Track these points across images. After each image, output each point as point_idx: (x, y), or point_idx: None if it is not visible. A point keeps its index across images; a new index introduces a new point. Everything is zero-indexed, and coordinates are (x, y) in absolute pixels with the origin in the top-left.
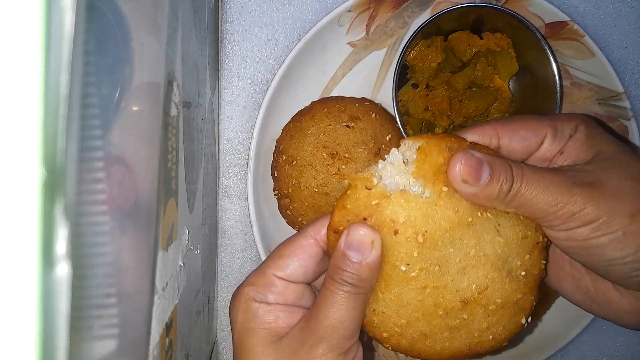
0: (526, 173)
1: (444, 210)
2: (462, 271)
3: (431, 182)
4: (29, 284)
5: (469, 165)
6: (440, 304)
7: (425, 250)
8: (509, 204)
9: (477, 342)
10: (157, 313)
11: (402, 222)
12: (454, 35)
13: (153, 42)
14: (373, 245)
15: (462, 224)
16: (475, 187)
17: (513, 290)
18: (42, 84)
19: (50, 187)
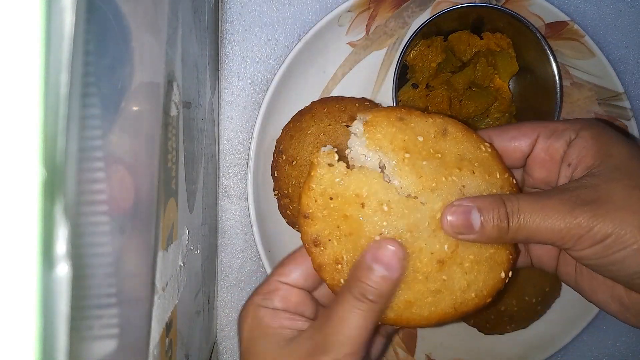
0: (522, 205)
1: (408, 176)
2: (433, 234)
3: (391, 151)
4: (29, 284)
5: (456, 215)
6: (418, 268)
7: (393, 218)
8: (515, 238)
9: (461, 302)
10: (157, 313)
11: (366, 195)
12: (454, 35)
13: (153, 42)
14: (401, 263)
15: (427, 189)
16: (472, 235)
17: (484, 246)
18: (42, 84)
19: (50, 187)
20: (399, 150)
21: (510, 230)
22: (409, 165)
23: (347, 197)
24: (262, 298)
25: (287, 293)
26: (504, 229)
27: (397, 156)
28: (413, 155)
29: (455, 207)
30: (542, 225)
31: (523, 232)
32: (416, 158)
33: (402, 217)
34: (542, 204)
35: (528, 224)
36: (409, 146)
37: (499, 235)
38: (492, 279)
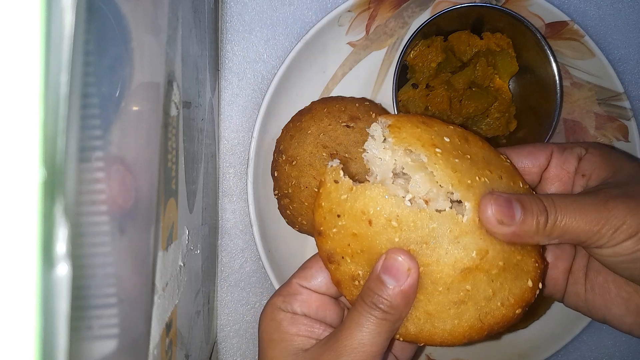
0: (557, 201)
1: (444, 170)
2: (455, 240)
3: (421, 147)
4: (29, 284)
5: (499, 204)
6: (437, 280)
7: (405, 233)
8: (551, 235)
9: (486, 312)
10: (157, 313)
11: (372, 212)
12: (454, 35)
13: (153, 42)
14: (410, 273)
15: (463, 185)
16: (513, 226)
17: (512, 251)
18: (42, 84)
19: (50, 187)
20: (429, 146)
21: (547, 226)
22: (443, 160)
23: (353, 214)
24: (282, 300)
25: (308, 298)
26: (542, 224)
27: (429, 151)
28: (444, 152)
29: (497, 196)
30: (578, 219)
31: (560, 227)
32: (448, 155)
33: (414, 230)
34: (576, 200)
35: (565, 220)
36: (437, 144)
37: (537, 229)
38: (518, 288)
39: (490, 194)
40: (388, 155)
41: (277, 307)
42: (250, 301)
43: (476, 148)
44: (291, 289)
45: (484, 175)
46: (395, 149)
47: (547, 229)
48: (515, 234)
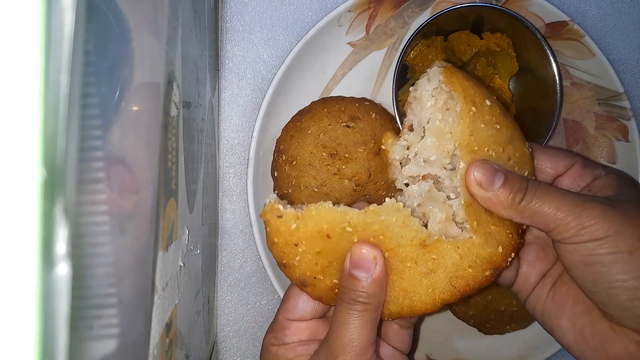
0: (542, 186)
1: (463, 129)
2: (404, 224)
3: (462, 97)
4: (29, 284)
5: (484, 169)
6: (404, 258)
7: (360, 232)
8: (522, 214)
9: (456, 276)
10: (157, 313)
11: (327, 227)
12: (454, 35)
13: (153, 42)
14: (376, 260)
15: (469, 148)
16: (489, 192)
17: (487, 222)
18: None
19: (50, 187)
20: (469, 101)
21: (522, 203)
22: (470, 119)
23: (310, 236)
24: (274, 337)
25: (297, 328)
26: (518, 200)
27: (466, 105)
28: (477, 113)
29: (485, 163)
30: (552, 206)
31: (532, 208)
32: (478, 117)
33: (369, 226)
34: (559, 191)
35: (539, 203)
36: (477, 103)
37: (510, 203)
38: (487, 252)
39: (483, 160)
40: (430, 103)
41: (272, 344)
42: (250, 301)
43: (509, 124)
44: (279, 325)
45: (495, 150)
46: (442, 89)
47: (521, 206)
48: (490, 200)
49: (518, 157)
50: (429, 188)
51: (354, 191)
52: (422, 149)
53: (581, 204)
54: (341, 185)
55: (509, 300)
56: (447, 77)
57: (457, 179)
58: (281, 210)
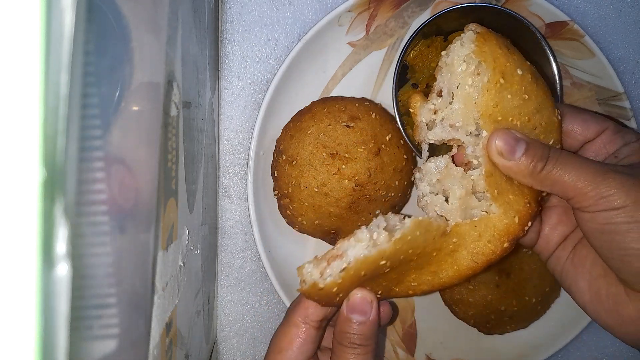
0: (563, 155)
1: (487, 100)
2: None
3: (491, 69)
4: (29, 284)
5: (505, 139)
6: (429, 252)
7: (392, 259)
8: (543, 183)
9: (476, 252)
10: (157, 313)
11: (364, 272)
12: (454, 35)
13: (153, 42)
14: (372, 304)
15: (492, 117)
16: (511, 161)
17: (506, 191)
18: (42, 84)
19: (50, 187)
20: (498, 72)
21: (543, 172)
22: (496, 91)
23: (350, 287)
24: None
25: None
26: (539, 169)
27: (494, 77)
28: (505, 84)
29: (507, 132)
30: (572, 175)
31: (552, 177)
32: (505, 88)
33: (398, 251)
34: (580, 160)
35: (560, 172)
36: (506, 73)
37: (531, 172)
38: (503, 224)
39: (504, 129)
40: (461, 68)
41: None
42: (250, 301)
43: (539, 92)
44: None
45: (520, 120)
46: (472, 58)
47: (541, 175)
48: (511, 168)
49: (544, 126)
50: (445, 163)
51: (354, 191)
52: (449, 114)
53: (602, 173)
54: (341, 185)
55: (509, 301)
56: (480, 45)
57: (479, 148)
58: (321, 285)
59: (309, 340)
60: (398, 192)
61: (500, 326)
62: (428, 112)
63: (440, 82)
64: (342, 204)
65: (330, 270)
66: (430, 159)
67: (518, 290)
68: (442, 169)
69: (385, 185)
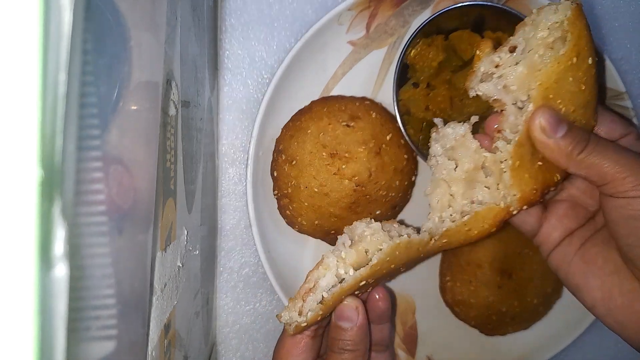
0: (602, 141)
1: (552, 73)
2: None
3: (572, 46)
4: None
5: (550, 117)
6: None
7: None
8: (579, 164)
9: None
10: (156, 314)
11: (363, 283)
12: (454, 34)
13: (152, 41)
14: (358, 310)
15: (541, 95)
16: (551, 139)
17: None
18: (40, 84)
19: (47, 187)
20: (575, 51)
21: (581, 155)
22: (564, 67)
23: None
24: None
25: None
26: (577, 152)
27: (570, 53)
28: (574, 66)
29: (552, 111)
30: (610, 160)
31: (590, 160)
32: (572, 69)
33: (380, 270)
34: (617, 147)
35: (598, 156)
36: (580, 56)
37: (569, 153)
38: (493, 213)
39: (550, 107)
40: (542, 34)
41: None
42: (250, 302)
43: (594, 90)
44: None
45: (566, 106)
46: (562, 26)
47: (579, 157)
48: (549, 147)
49: (583, 124)
50: (464, 132)
51: (354, 191)
52: (508, 75)
53: (638, 162)
54: (341, 185)
55: (510, 302)
56: (574, 17)
57: (521, 119)
58: (304, 323)
59: (306, 349)
60: (399, 192)
61: (501, 327)
62: (490, 63)
63: (519, 38)
64: (342, 204)
65: (307, 305)
66: (450, 124)
67: (520, 291)
68: (459, 136)
69: (386, 185)
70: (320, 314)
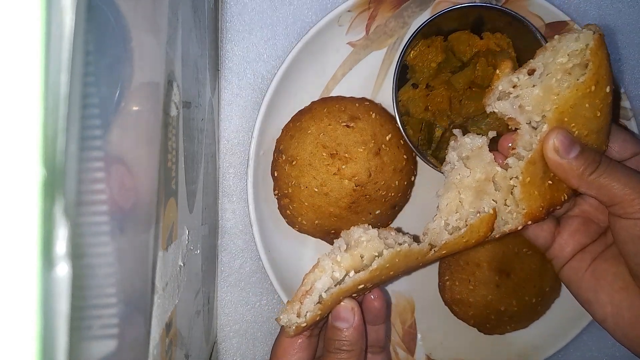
0: (613, 164)
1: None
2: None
3: (591, 75)
4: (29, 284)
5: (564, 138)
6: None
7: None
8: (590, 185)
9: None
10: (157, 313)
11: (362, 287)
12: (454, 35)
13: (153, 41)
14: (354, 311)
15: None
16: (563, 160)
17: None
18: (42, 84)
19: (50, 187)
20: (594, 79)
21: (592, 176)
22: (582, 95)
23: (336, 303)
24: None
25: None
26: (588, 173)
27: (590, 81)
28: (592, 93)
29: (566, 132)
30: (620, 182)
31: (601, 181)
32: (590, 96)
33: (378, 275)
34: (628, 170)
35: (608, 178)
36: (599, 84)
37: (581, 174)
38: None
39: (565, 129)
40: (561, 60)
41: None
42: (250, 301)
43: (608, 117)
44: None
45: (579, 131)
46: (583, 54)
47: (590, 178)
48: (561, 167)
49: (594, 148)
50: (481, 144)
51: (354, 191)
52: (525, 96)
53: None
54: (341, 185)
55: (509, 301)
56: (596, 47)
57: (535, 138)
58: (303, 324)
59: (303, 348)
60: (398, 192)
61: (500, 326)
62: (508, 83)
63: (538, 62)
64: (342, 204)
65: (305, 307)
66: (469, 135)
67: (518, 290)
68: (475, 147)
69: (385, 185)
70: (318, 314)
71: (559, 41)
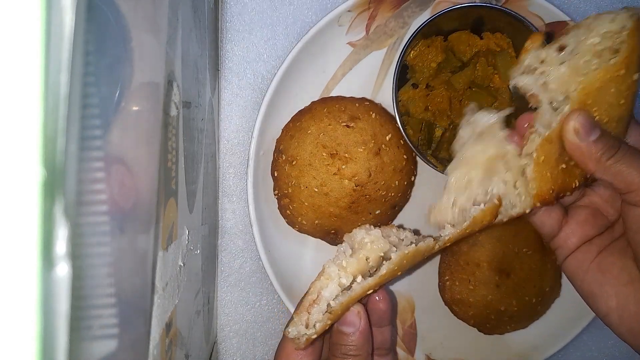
0: (632, 150)
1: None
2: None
3: (625, 55)
4: (29, 284)
5: (585, 120)
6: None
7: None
8: (607, 170)
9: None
10: (157, 313)
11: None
12: (454, 35)
13: (153, 41)
14: (360, 315)
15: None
16: (582, 142)
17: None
18: (42, 84)
19: (50, 187)
20: (625, 63)
21: (609, 161)
22: (610, 78)
23: (346, 309)
24: None
25: None
26: (606, 158)
27: (620, 64)
28: (620, 78)
29: (587, 115)
30: (637, 169)
31: (618, 167)
32: (618, 81)
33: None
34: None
35: (625, 166)
36: (629, 69)
37: (598, 158)
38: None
39: (586, 111)
40: (593, 40)
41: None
42: (250, 301)
43: (630, 106)
44: None
45: (600, 116)
46: (619, 36)
47: (607, 163)
48: (580, 149)
49: (616, 124)
50: (495, 120)
51: (354, 191)
52: (551, 73)
53: None
54: (341, 185)
55: (509, 301)
56: (633, 30)
57: (556, 118)
58: (314, 336)
59: (307, 353)
60: (398, 192)
61: (500, 326)
62: (536, 58)
63: (570, 40)
64: (342, 204)
65: (313, 317)
66: (483, 111)
67: (518, 290)
68: (489, 124)
69: (385, 185)
70: (328, 323)
71: (594, 19)
